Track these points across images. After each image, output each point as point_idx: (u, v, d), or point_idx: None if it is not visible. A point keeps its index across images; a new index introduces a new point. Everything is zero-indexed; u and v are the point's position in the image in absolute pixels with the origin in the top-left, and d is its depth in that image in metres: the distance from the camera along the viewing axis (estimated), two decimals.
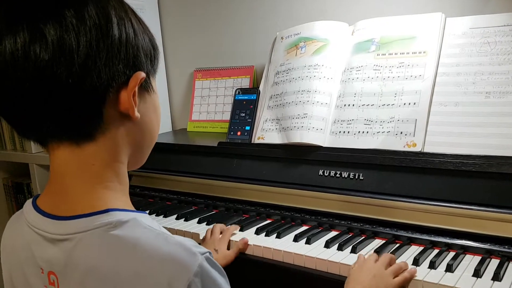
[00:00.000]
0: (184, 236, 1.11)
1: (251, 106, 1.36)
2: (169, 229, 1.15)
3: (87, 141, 0.58)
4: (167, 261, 0.54)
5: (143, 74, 0.58)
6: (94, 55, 0.53)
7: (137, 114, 0.59)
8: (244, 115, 1.37)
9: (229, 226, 1.11)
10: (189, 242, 0.58)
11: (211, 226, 1.13)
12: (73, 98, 0.54)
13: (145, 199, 1.42)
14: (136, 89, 0.58)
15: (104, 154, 0.59)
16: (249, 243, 1.04)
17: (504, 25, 1.04)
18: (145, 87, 0.61)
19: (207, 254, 0.57)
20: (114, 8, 0.56)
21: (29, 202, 0.64)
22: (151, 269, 0.54)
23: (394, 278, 0.85)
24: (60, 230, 0.57)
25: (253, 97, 1.37)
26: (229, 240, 1.06)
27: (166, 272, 0.54)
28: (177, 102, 1.90)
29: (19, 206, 2.04)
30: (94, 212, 0.56)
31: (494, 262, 0.88)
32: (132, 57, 0.57)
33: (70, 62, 0.52)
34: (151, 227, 0.57)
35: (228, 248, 1.05)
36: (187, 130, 1.74)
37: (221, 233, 1.09)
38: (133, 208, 0.61)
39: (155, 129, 0.66)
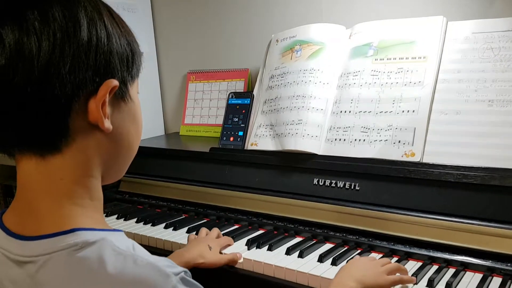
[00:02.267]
0: (172, 247, 1.10)
1: (245, 111, 1.31)
2: (157, 239, 1.12)
3: (52, 154, 0.53)
4: (136, 285, 0.50)
5: (115, 82, 0.54)
6: (57, 61, 0.49)
7: (108, 125, 0.54)
8: (237, 120, 1.32)
9: (225, 236, 1.07)
10: (163, 263, 0.53)
11: None
12: (33, 107, 0.50)
13: (134, 205, 1.38)
14: (107, 98, 0.53)
15: (72, 168, 0.54)
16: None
17: (509, 30, 1.00)
18: (121, 95, 0.56)
19: (182, 274, 0.53)
20: (85, 9, 0.52)
21: None
22: None
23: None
24: (24, 251, 0.53)
25: (247, 101, 1.32)
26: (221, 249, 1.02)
27: None
28: (170, 104, 1.85)
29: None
30: (59, 232, 0.52)
31: (496, 281, 0.84)
32: (103, 63, 0.53)
33: (29, 68, 0.48)
34: (119, 249, 0.52)
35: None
36: (180, 134, 1.69)
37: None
38: (105, 226, 0.56)
39: (133, 141, 0.61)
